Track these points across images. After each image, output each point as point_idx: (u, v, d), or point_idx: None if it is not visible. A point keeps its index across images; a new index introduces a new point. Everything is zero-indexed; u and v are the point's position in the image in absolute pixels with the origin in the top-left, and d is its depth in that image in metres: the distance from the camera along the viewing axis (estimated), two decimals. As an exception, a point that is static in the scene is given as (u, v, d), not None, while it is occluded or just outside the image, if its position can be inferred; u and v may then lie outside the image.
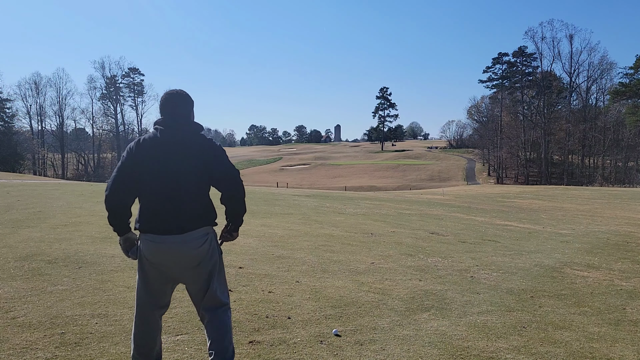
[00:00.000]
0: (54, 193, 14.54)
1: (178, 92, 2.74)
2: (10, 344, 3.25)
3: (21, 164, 69.36)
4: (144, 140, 2.64)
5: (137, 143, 2.65)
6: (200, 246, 2.60)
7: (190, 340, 3.47)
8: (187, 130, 2.66)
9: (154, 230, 2.56)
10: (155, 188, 2.57)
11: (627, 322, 4.46)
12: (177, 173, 2.57)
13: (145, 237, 2.60)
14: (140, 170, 2.58)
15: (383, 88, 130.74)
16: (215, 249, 2.71)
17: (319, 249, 7.21)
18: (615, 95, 69.80)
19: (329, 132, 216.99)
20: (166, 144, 2.60)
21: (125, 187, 2.59)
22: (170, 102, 2.70)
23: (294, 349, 3.44)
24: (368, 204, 16.49)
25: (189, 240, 2.57)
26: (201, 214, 2.63)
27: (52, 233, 7.29)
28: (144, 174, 2.58)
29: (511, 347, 3.67)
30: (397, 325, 4.02)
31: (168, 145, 2.60)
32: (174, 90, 2.75)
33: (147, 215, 2.58)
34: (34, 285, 4.58)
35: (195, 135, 2.67)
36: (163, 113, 2.71)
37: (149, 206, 2.59)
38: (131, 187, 2.60)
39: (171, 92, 2.74)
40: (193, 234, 2.58)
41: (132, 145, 2.66)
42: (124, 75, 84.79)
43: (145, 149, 2.60)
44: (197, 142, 2.65)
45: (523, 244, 9.13)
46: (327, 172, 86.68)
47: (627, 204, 21.35)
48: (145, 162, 2.58)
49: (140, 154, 2.60)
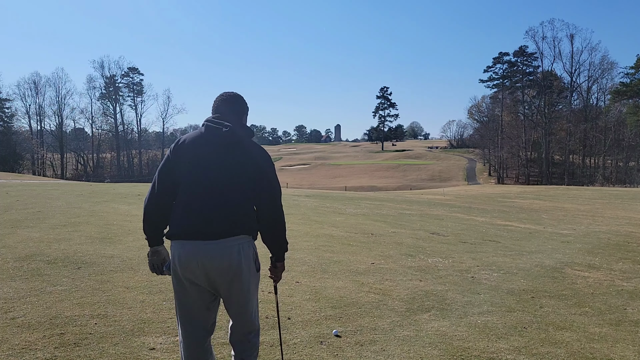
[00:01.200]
0: (53, 193, 14.53)
1: (234, 93, 2.56)
2: (9, 344, 3.23)
3: (20, 164, 69.44)
4: (186, 140, 2.44)
5: (178, 143, 2.46)
6: (232, 254, 2.30)
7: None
8: (238, 133, 2.40)
9: (180, 235, 2.31)
10: (194, 188, 2.34)
11: (628, 322, 4.45)
12: (220, 174, 2.34)
13: (175, 244, 2.34)
14: (181, 169, 2.37)
15: (383, 88, 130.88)
16: (253, 259, 2.41)
17: (319, 250, 7.20)
18: (616, 95, 69.78)
19: (329, 132, 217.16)
20: (213, 143, 2.37)
21: (165, 189, 2.38)
22: (224, 102, 2.51)
23: (294, 350, 3.42)
24: (368, 204, 16.47)
25: (225, 247, 2.28)
26: (242, 221, 2.34)
27: (51, 233, 7.28)
28: (184, 173, 2.37)
29: (512, 347, 3.66)
30: (397, 326, 4.01)
31: (215, 144, 2.37)
32: (231, 92, 2.57)
33: (180, 217, 2.33)
34: (33, 286, 4.56)
35: (247, 139, 2.45)
36: (218, 111, 2.51)
37: (183, 208, 2.34)
38: (171, 189, 2.39)
39: (227, 93, 2.56)
40: (230, 240, 2.30)
41: (172, 146, 2.47)
42: (123, 75, 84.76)
43: (189, 146, 2.39)
44: (250, 147, 2.43)
45: (524, 244, 9.11)
46: (327, 172, 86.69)
47: (628, 204, 21.33)
48: (186, 159, 2.37)
49: (183, 151, 2.39)
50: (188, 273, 2.31)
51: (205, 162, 2.36)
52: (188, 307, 2.40)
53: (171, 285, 2.74)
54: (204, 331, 2.45)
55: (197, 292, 2.36)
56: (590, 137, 70.16)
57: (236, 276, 2.33)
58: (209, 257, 2.27)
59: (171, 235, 2.35)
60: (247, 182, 2.37)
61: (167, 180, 2.39)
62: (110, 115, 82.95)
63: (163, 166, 2.42)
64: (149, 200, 2.42)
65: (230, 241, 2.30)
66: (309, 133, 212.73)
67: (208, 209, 2.31)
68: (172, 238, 2.35)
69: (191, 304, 2.39)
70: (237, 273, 2.32)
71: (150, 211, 2.42)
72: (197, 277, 2.31)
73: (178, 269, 2.33)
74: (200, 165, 2.35)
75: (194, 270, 2.29)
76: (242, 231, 2.34)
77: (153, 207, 2.41)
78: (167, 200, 2.40)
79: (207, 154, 2.36)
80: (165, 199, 2.40)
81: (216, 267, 2.28)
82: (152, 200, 2.41)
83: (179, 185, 2.38)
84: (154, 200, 2.40)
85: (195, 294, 2.36)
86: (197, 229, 2.28)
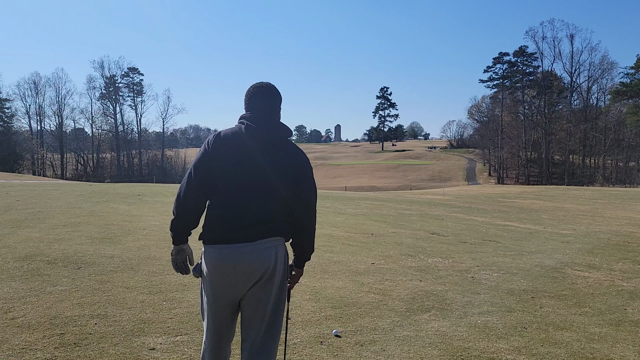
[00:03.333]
0: (53, 193, 14.53)
1: (268, 85, 2.40)
2: (9, 344, 3.23)
3: (20, 164, 69.41)
4: (225, 135, 2.29)
5: (216, 137, 2.29)
6: (270, 256, 2.22)
7: (190, 341, 3.45)
8: (278, 133, 2.32)
9: (218, 239, 2.20)
10: (231, 190, 2.22)
11: (628, 322, 4.45)
12: (260, 177, 2.23)
13: (207, 248, 2.23)
14: (218, 168, 2.23)
15: (383, 88, 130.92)
16: (286, 264, 2.35)
17: (319, 250, 7.19)
18: (616, 95, 69.78)
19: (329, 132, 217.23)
20: (252, 144, 2.25)
21: (203, 185, 2.23)
22: (260, 97, 2.36)
23: (294, 350, 3.42)
24: (368, 204, 16.47)
25: (259, 250, 2.20)
26: (277, 223, 2.27)
27: (51, 233, 7.27)
28: (221, 173, 2.22)
29: (512, 347, 3.65)
30: (397, 326, 4.01)
31: (254, 145, 2.25)
32: (264, 83, 2.40)
33: (213, 221, 2.22)
34: (33, 286, 4.56)
35: (286, 140, 2.36)
36: (250, 108, 2.36)
37: (217, 211, 2.23)
38: (208, 186, 2.24)
39: (260, 84, 2.40)
40: (264, 242, 2.21)
41: (210, 139, 2.29)
42: (123, 75, 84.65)
43: (227, 145, 2.25)
44: (290, 149, 2.34)
45: (524, 244, 9.11)
46: (327, 172, 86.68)
47: (628, 204, 21.33)
48: (225, 159, 2.22)
49: (221, 149, 2.24)
50: (223, 278, 2.20)
51: (244, 161, 2.24)
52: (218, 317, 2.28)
53: (172, 285, 2.71)
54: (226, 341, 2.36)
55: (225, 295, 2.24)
56: (590, 137, 70.15)
57: (272, 275, 2.24)
58: (246, 258, 2.18)
59: (209, 240, 2.23)
60: (285, 185, 2.27)
61: (205, 176, 2.23)
62: (110, 116, 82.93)
63: (201, 161, 2.25)
64: (185, 196, 2.24)
65: (267, 242, 2.23)
66: (309, 133, 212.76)
67: (244, 211, 2.21)
68: (208, 242, 2.23)
69: (219, 307, 2.27)
70: (274, 273, 2.24)
71: (186, 207, 2.25)
72: (229, 280, 2.20)
73: (212, 275, 2.22)
74: (239, 165, 2.23)
75: (227, 274, 2.19)
76: (279, 233, 2.28)
77: (190, 204, 2.25)
78: (204, 197, 2.27)
79: (246, 153, 2.25)
80: (202, 197, 2.26)
81: (252, 266, 2.19)
82: (189, 196, 2.24)
83: (215, 184, 2.24)
84: (192, 196, 2.24)
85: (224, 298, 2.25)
86: (233, 232, 2.19)
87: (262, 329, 2.27)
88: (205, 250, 2.25)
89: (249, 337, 2.28)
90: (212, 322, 2.28)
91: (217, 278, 2.21)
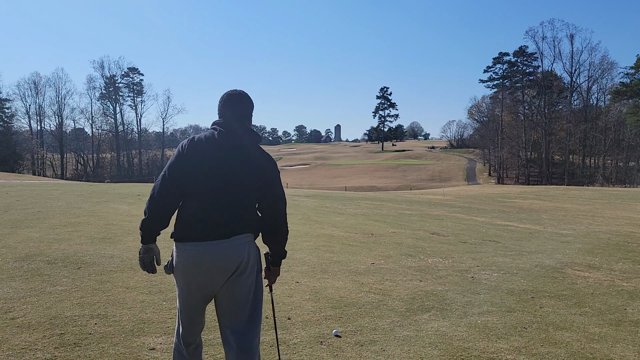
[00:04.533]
0: (53, 193, 14.53)
1: (240, 93, 2.56)
2: (9, 344, 3.23)
3: (20, 164, 69.40)
4: (199, 139, 2.42)
5: (191, 141, 2.43)
6: (243, 251, 2.38)
7: (190, 341, 3.45)
8: (248, 139, 2.48)
9: (195, 237, 2.32)
10: (205, 192, 2.35)
11: (628, 322, 4.45)
12: (232, 179, 2.38)
13: (182, 246, 2.35)
14: (192, 170, 2.35)
15: (383, 88, 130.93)
16: (258, 258, 2.50)
17: (319, 250, 7.19)
18: (616, 95, 69.79)
19: (329, 132, 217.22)
20: (224, 148, 2.40)
21: (175, 187, 2.35)
22: (231, 104, 2.51)
23: (294, 350, 3.42)
24: (368, 204, 16.48)
25: (233, 246, 2.35)
26: (248, 221, 2.43)
27: (51, 233, 7.27)
28: (195, 176, 2.35)
29: (512, 347, 3.65)
30: (397, 326, 4.01)
31: (226, 149, 2.41)
32: (236, 91, 2.56)
33: (189, 220, 2.35)
34: (33, 286, 4.56)
35: (255, 146, 2.51)
36: (222, 114, 2.51)
37: (192, 211, 2.36)
38: (181, 188, 2.36)
39: (233, 92, 2.55)
40: (238, 239, 2.37)
41: (185, 143, 2.43)
42: (123, 75, 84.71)
43: (200, 149, 2.39)
44: (259, 153, 2.50)
45: (524, 244, 9.11)
46: (327, 172, 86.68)
47: (628, 204, 21.33)
48: (199, 162, 2.36)
49: (195, 153, 2.38)
50: (199, 274, 2.34)
51: (216, 165, 2.38)
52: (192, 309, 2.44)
53: (171, 286, 2.75)
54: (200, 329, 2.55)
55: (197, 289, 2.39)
56: (590, 137, 70.14)
57: (245, 269, 2.39)
58: (218, 254, 2.32)
59: (182, 238, 2.35)
60: (252, 188, 2.43)
61: (179, 178, 2.35)
62: (110, 116, 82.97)
63: (175, 163, 2.37)
64: (158, 196, 2.35)
65: (240, 239, 2.38)
66: (309, 133, 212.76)
67: (220, 211, 2.35)
68: (183, 240, 2.35)
69: (192, 300, 2.41)
70: (246, 267, 2.39)
71: (159, 207, 2.36)
72: (202, 277, 2.34)
73: (187, 271, 2.34)
74: (211, 168, 2.37)
75: (200, 270, 2.33)
76: (250, 230, 2.43)
77: (161, 204, 2.36)
78: (176, 199, 2.38)
79: (218, 157, 2.39)
80: (175, 198, 2.37)
81: (224, 262, 2.33)
82: (162, 197, 2.35)
83: (189, 185, 2.35)
84: (165, 196, 2.35)
85: (196, 292, 2.39)
86: (209, 230, 2.32)
87: (245, 316, 2.43)
88: (180, 247, 2.37)
89: (232, 325, 2.43)
90: (185, 314, 2.46)
91: (192, 274, 2.35)
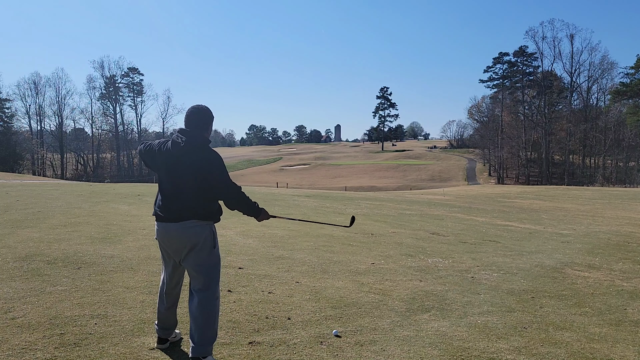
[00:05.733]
0: (53, 193, 14.53)
1: (199, 107, 3.23)
2: (9, 344, 3.23)
3: (20, 164, 69.43)
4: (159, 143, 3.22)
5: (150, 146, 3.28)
6: (192, 233, 3.11)
7: (188, 341, 3.45)
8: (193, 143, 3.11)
9: (158, 218, 3.20)
10: (163, 183, 3.20)
11: (628, 322, 4.45)
12: (182, 174, 3.10)
13: (156, 224, 3.26)
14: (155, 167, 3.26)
15: (383, 88, 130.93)
16: (207, 239, 3.18)
17: (319, 250, 7.20)
18: (616, 95, 69.78)
19: (329, 132, 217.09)
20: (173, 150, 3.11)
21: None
22: (190, 115, 3.21)
23: (294, 350, 3.42)
24: (368, 204, 16.48)
25: (183, 228, 3.11)
26: (195, 209, 3.11)
27: (51, 233, 7.27)
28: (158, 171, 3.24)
29: (512, 347, 3.65)
30: (397, 326, 4.01)
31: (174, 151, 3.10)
32: (196, 106, 3.24)
33: (156, 204, 3.25)
34: (33, 286, 4.56)
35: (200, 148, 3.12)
36: (184, 124, 3.22)
37: (157, 198, 3.25)
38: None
39: (193, 107, 3.24)
40: (187, 223, 3.11)
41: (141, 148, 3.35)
42: (123, 75, 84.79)
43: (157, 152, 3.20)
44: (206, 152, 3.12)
45: (524, 244, 9.11)
46: (327, 172, 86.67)
47: (628, 204, 21.34)
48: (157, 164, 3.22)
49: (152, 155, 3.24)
50: (162, 244, 3.26)
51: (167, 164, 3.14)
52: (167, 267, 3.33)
53: None
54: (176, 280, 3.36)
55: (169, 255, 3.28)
56: (590, 137, 70.17)
57: (195, 247, 3.14)
58: (172, 235, 3.15)
59: (155, 218, 3.26)
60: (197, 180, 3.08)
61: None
62: (110, 116, 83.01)
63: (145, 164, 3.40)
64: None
65: (189, 223, 3.11)
66: (309, 133, 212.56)
67: (169, 200, 3.16)
68: (155, 219, 3.26)
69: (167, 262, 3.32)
70: (195, 245, 3.14)
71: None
72: (167, 247, 3.23)
73: (159, 240, 3.27)
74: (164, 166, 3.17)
75: (166, 242, 3.21)
76: (195, 217, 3.11)
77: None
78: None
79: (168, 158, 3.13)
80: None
81: (178, 242, 3.15)
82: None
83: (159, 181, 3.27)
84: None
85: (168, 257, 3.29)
86: (164, 214, 3.16)
87: (201, 279, 3.18)
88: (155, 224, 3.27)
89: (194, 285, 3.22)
90: (164, 269, 3.37)
91: (160, 244, 3.28)
